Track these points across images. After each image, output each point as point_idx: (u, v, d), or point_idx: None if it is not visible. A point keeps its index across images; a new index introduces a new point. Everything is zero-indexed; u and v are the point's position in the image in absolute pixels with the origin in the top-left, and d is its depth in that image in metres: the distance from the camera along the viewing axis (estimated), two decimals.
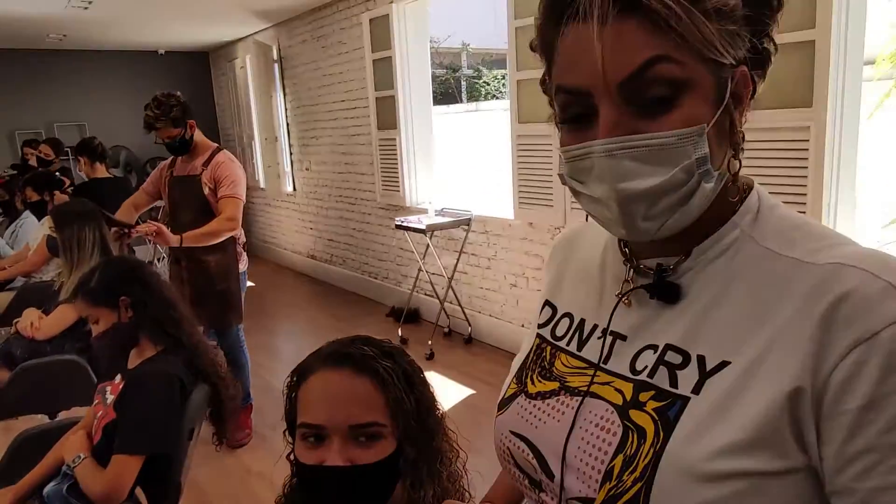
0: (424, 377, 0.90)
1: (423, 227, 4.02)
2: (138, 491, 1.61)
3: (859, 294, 0.49)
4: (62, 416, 2.43)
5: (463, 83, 15.67)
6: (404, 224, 4.20)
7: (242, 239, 3.20)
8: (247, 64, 6.73)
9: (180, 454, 1.63)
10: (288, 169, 6.62)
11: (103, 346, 1.68)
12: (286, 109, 6.47)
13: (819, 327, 0.50)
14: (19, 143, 6.65)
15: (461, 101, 14.25)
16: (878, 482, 0.47)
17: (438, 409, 0.90)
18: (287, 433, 0.88)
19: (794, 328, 0.51)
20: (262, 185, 6.94)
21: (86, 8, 4.94)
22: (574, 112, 0.55)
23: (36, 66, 6.90)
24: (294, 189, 6.58)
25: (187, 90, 7.63)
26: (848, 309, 0.49)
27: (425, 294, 4.70)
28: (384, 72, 4.64)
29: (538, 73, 0.59)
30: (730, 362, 0.54)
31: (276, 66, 6.38)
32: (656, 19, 0.49)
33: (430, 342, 4.11)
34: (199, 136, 3.02)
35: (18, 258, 3.83)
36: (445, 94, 14.67)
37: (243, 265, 3.18)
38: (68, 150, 5.62)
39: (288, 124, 6.49)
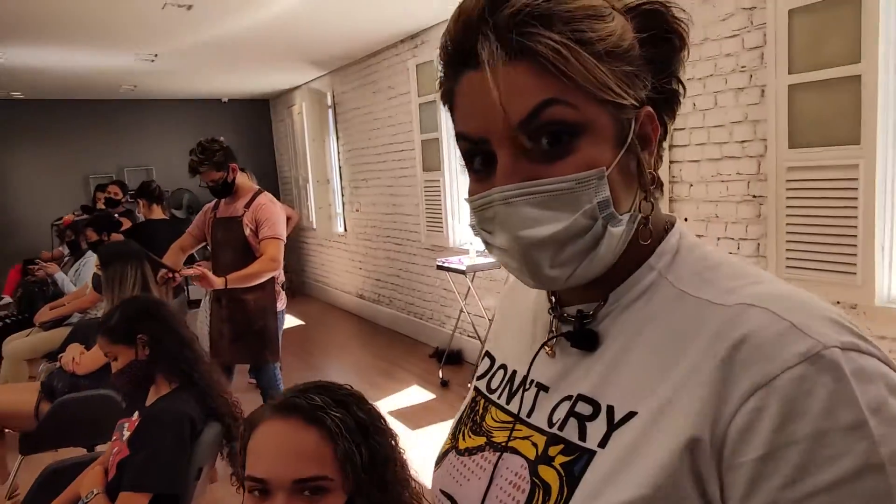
0: (385, 426, 0.86)
1: (464, 267, 4.00)
2: None
3: (759, 336, 0.45)
4: (99, 449, 2.49)
5: None
6: (445, 265, 4.19)
7: (281, 278, 3.26)
8: (303, 110, 6.99)
9: (187, 494, 1.63)
10: (339, 210, 6.77)
11: (123, 382, 1.72)
12: (338, 152, 6.65)
13: (718, 371, 0.46)
14: (92, 186, 7.08)
15: None
16: None
17: (399, 460, 0.86)
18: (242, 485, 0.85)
19: (697, 373, 0.47)
20: (314, 226, 7.10)
21: (152, 60, 5.27)
22: (478, 162, 0.53)
23: (109, 115, 7.38)
24: (345, 230, 6.71)
25: (249, 135, 8.06)
26: (746, 352, 0.45)
27: (467, 335, 4.65)
28: (429, 115, 4.72)
29: None
30: (636, 412, 0.50)
31: (330, 111, 6.60)
32: (547, 63, 0.47)
33: (469, 384, 4.03)
34: (241, 178, 3.13)
35: (78, 295, 4.02)
36: None
37: (281, 304, 3.23)
38: (131, 192, 5.93)
39: (340, 167, 6.66)
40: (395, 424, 0.85)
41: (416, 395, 4.18)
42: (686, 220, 2.96)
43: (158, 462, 1.56)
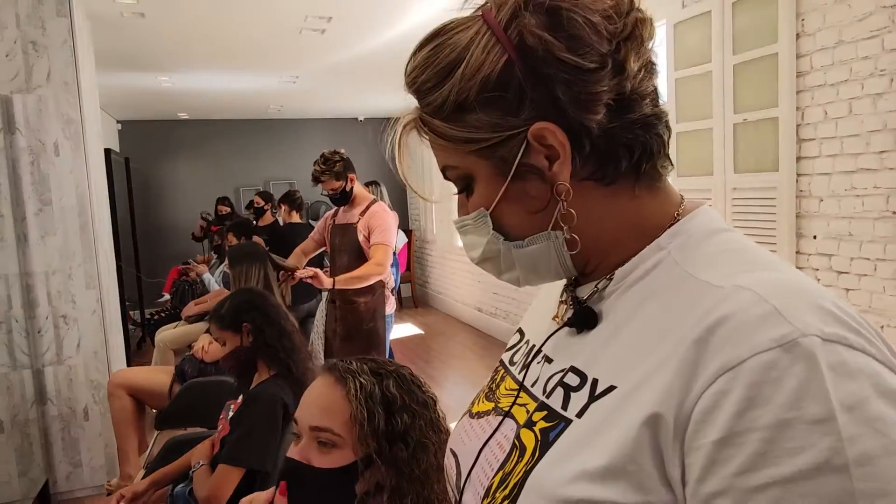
0: (417, 409, 0.89)
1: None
2: None
3: (738, 318, 0.43)
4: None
5: None
6: None
7: (391, 284, 3.40)
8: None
9: (276, 472, 1.75)
10: None
11: (229, 366, 1.89)
12: None
13: (692, 351, 0.44)
14: (242, 196, 7.79)
15: None
16: None
17: (429, 446, 0.88)
18: None
19: (675, 351, 0.46)
20: (436, 238, 7.30)
21: (294, 82, 5.72)
22: None
23: (258, 133, 8.09)
24: None
25: (382, 152, 8.45)
26: (722, 333, 0.43)
27: None
28: None
29: (699, 124, 0.61)
30: (616, 387, 0.50)
31: None
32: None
33: None
34: (358, 188, 3.32)
35: (218, 294, 4.44)
36: None
37: (390, 308, 3.37)
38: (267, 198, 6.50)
39: None
40: None
41: None
42: (815, 237, 2.72)
43: (252, 440, 1.70)
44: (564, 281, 0.66)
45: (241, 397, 1.90)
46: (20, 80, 3.05)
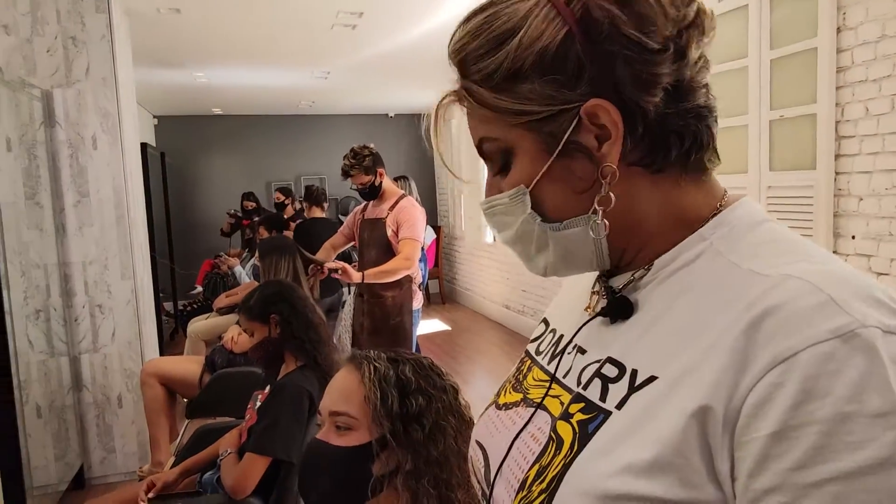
0: (432, 392, 0.91)
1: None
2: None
3: (791, 307, 0.42)
4: None
5: None
6: None
7: (419, 279, 3.41)
8: (460, 123, 7.22)
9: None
10: None
11: (257, 356, 1.92)
12: None
13: (741, 340, 0.43)
14: (273, 191, 7.89)
15: None
16: None
17: (444, 426, 0.89)
18: None
19: (722, 341, 0.45)
20: (464, 235, 7.30)
21: (325, 78, 5.77)
22: None
23: (290, 128, 8.18)
24: (493, 240, 6.82)
25: (412, 147, 8.48)
26: (774, 322, 0.42)
27: None
28: None
29: (734, 120, 0.58)
30: (657, 377, 0.49)
31: None
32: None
33: None
34: (387, 183, 3.33)
35: (248, 286, 4.51)
36: None
37: (417, 303, 3.38)
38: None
39: None
40: None
41: None
42: (854, 237, 2.65)
43: (278, 430, 1.72)
44: (592, 275, 0.66)
45: (268, 388, 1.93)
46: (60, 74, 3.13)
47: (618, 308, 0.56)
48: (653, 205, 0.54)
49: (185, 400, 3.06)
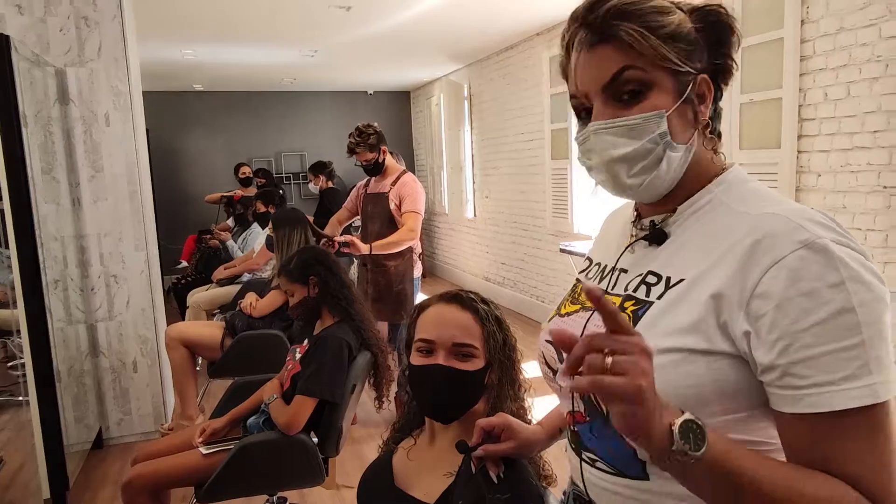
0: (508, 325, 1.17)
1: (587, 252, 4.19)
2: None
3: (775, 232, 0.68)
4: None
5: None
6: (568, 248, 4.41)
7: (419, 249, 3.65)
8: (441, 101, 7.42)
9: (343, 404, 2.02)
10: (470, 196, 7.14)
11: (298, 314, 2.15)
12: (472, 141, 7.01)
13: (746, 254, 0.69)
14: (254, 167, 7.97)
15: None
16: (790, 358, 0.65)
17: (519, 350, 1.16)
18: (405, 351, 1.19)
19: (730, 255, 0.71)
20: (446, 210, 7.53)
21: (312, 56, 5.90)
22: (580, 111, 0.81)
23: (271, 105, 8.25)
24: (475, 215, 7.07)
25: (391, 124, 8.66)
26: (767, 241, 0.68)
27: None
28: (560, 105, 4.93)
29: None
30: (684, 279, 0.75)
31: (466, 102, 6.97)
32: (625, 44, 0.74)
33: None
34: (389, 160, 3.55)
35: (246, 258, 4.69)
36: None
37: (418, 271, 3.62)
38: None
39: (472, 155, 7.02)
40: None
41: (534, 370, 4.43)
42: (812, 209, 2.98)
43: (324, 375, 1.96)
44: (624, 220, 0.91)
45: (306, 341, 2.16)
46: (73, 53, 3.25)
47: (658, 235, 0.82)
48: (698, 159, 0.79)
49: (205, 362, 3.26)
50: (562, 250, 4.52)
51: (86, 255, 3.37)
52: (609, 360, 0.57)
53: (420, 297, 6.04)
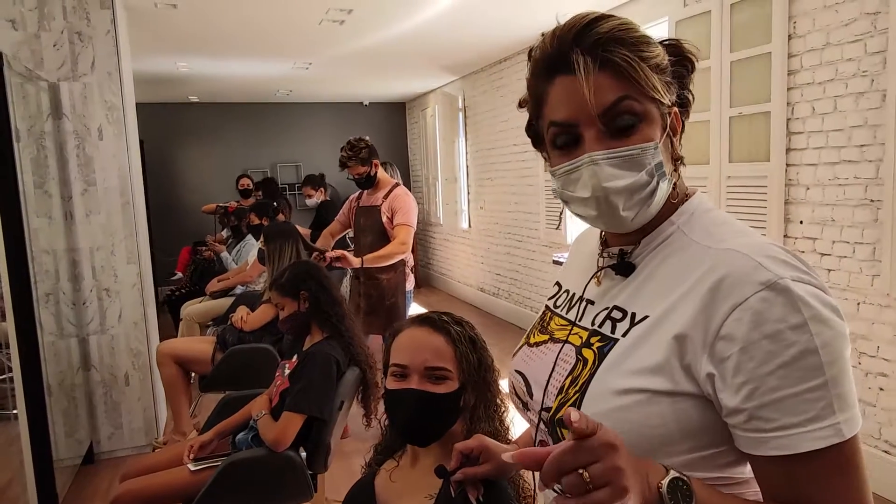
0: (485, 345, 1.17)
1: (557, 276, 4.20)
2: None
3: (738, 271, 0.69)
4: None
5: None
6: (561, 260, 4.42)
7: (411, 262, 3.66)
8: (436, 112, 7.45)
9: (331, 421, 2.02)
10: (465, 207, 7.16)
11: (287, 328, 2.15)
12: (466, 153, 7.04)
13: (709, 294, 0.69)
14: (257, 179, 7.99)
15: None
16: (757, 402, 0.66)
17: (496, 370, 1.17)
18: (384, 376, 1.20)
19: (693, 294, 0.71)
20: (441, 221, 7.54)
21: (306, 68, 5.92)
22: (563, 140, 0.76)
23: (266, 116, 8.28)
24: (469, 226, 7.09)
25: (386, 135, 8.70)
26: (729, 282, 0.69)
27: None
28: None
29: (697, 116, 0.85)
30: (649, 316, 0.75)
31: (461, 113, 7.01)
32: (622, 71, 0.71)
33: None
34: (381, 173, 3.56)
35: (240, 271, 4.69)
36: None
37: (410, 285, 3.63)
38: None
39: (467, 166, 7.05)
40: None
41: None
42: (801, 222, 3.00)
43: (312, 392, 1.96)
44: (592, 247, 0.91)
45: (295, 357, 2.16)
46: (66, 68, 3.27)
47: (625, 266, 0.82)
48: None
49: (197, 376, 3.26)
50: (555, 262, 4.53)
51: (78, 269, 3.37)
52: (586, 475, 0.55)
53: (414, 310, 6.06)
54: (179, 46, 4.96)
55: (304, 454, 2.03)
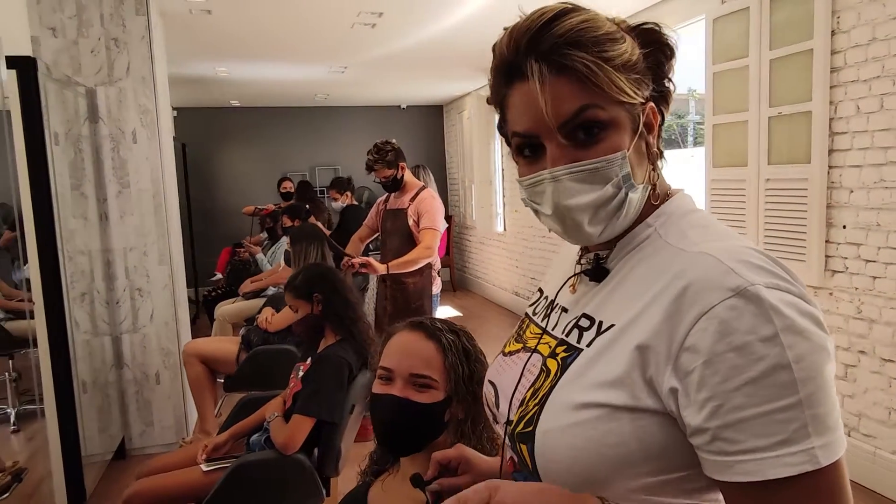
0: (481, 357, 1.12)
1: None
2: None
3: (705, 277, 0.62)
4: None
5: (690, 128, 15.07)
6: None
7: (437, 265, 3.62)
8: (471, 115, 7.41)
9: (342, 424, 2.00)
10: (500, 210, 7.10)
11: (300, 330, 2.14)
12: (502, 156, 6.98)
13: (673, 302, 0.63)
14: (296, 182, 8.11)
15: (684, 147, 13.69)
16: (721, 421, 0.58)
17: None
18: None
19: (658, 301, 0.65)
20: (476, 224, 7.49)
21: (342, 72, 5.97)
22: (527, 150, 0.71)
23: (305, 120, 8.38)
24: (504, 229, 7.02)
25: (423, 138, 8.70)
26: (695, 288, 0.62)
27: None
28: None
29: (735, 116, 0.78)
30: (615, 325, 0.69)
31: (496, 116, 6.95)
32: (581, 76, 0.64)
33: None
34: (408, 176, 3.54)
35: (272, 272, 4.75)
36: (668, 140, 14.28)
37: (436, 288, 3.59)
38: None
39: (503, 169, 6.98)
40: None
41: None
42: (844, 227, 2.84)
43: (322, 395, 1.94)
44: (573, 253, 0.85)
45: (308, 359, 2.15)
46: (103, 73, 3.35)
47: (598, 272, 0.76)
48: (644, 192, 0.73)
49: (223, 375, 3.29)
50: None
51: (111, 269, 3.46)
52: None
53: (442, 312, 6.01)
54: (216, 51, 5.05)
55: (316, 456, 2.01)
